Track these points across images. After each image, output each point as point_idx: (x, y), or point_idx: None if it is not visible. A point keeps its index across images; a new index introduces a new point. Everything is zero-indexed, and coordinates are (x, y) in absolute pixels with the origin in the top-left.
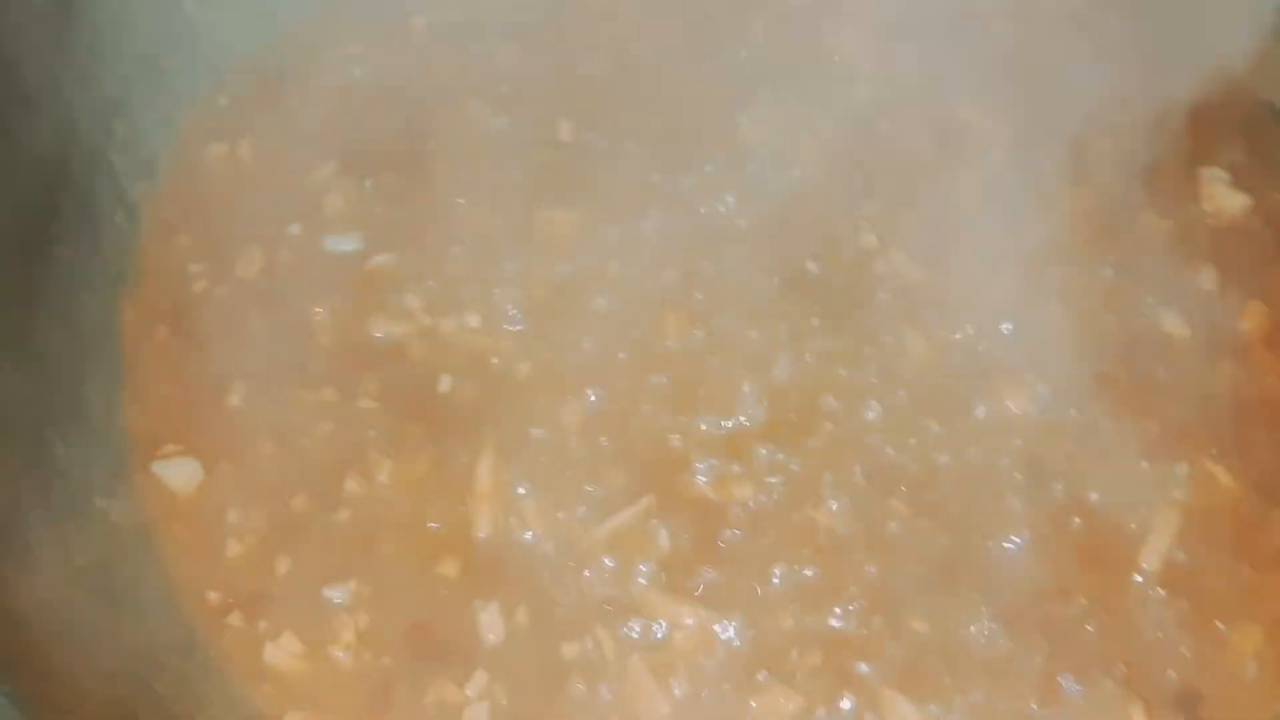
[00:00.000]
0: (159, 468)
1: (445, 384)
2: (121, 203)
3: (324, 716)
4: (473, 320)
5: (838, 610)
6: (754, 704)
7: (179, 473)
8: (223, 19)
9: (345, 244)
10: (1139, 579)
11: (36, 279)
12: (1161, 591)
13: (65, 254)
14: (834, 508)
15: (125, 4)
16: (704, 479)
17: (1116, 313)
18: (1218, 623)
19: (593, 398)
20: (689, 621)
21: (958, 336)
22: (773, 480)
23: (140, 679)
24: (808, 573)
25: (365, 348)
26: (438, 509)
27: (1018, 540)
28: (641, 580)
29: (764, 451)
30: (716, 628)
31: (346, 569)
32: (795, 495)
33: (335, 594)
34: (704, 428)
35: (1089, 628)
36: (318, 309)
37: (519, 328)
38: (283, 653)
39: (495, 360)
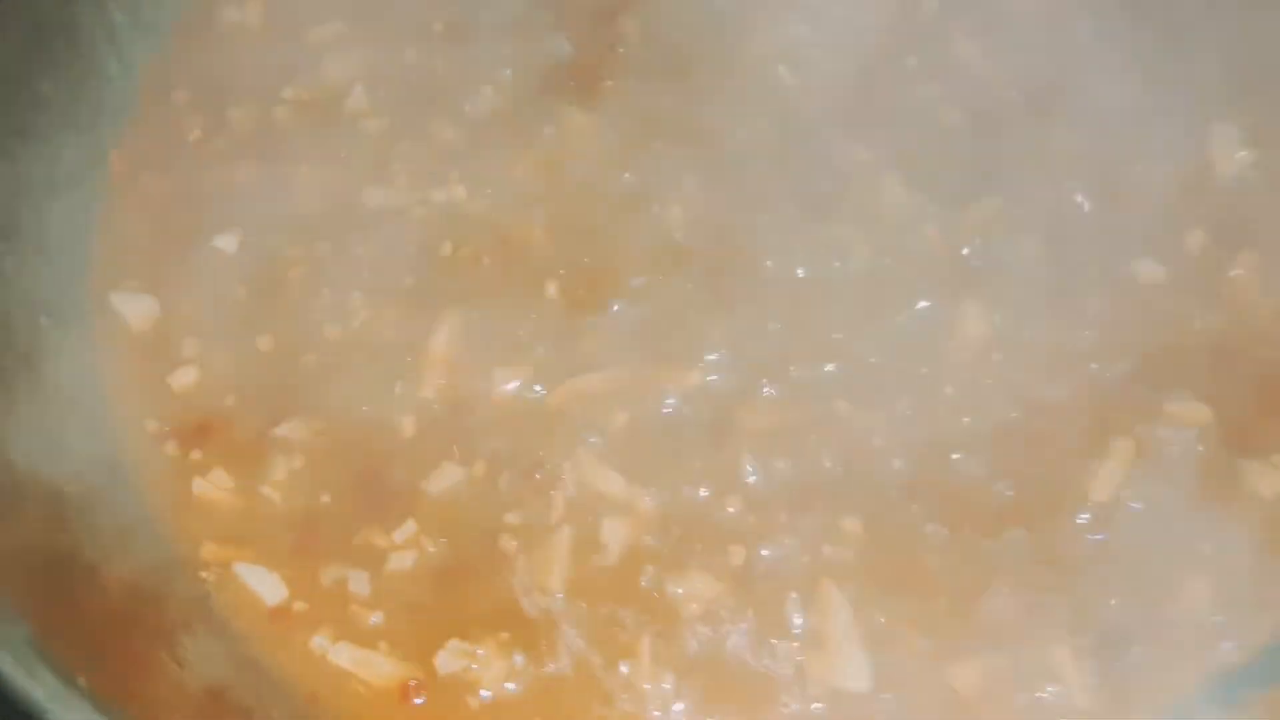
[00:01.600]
0: (117, 299)
1: (445, 249)
2: (118, 57)
3: (242, 549)
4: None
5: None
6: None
7: (136, 307)
8: None
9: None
10: (1085, 515)
11: (19, 108)
12: (1106, 529)
13: (50, 91)
14: None
15: None
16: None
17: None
18: (1161, 564)
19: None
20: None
21: None
22: None
23: (54, 490)
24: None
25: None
26: (399, 366)
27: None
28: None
29: None
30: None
31: (297, 409)
32: None
33: (281, 431)
34: None
35: (1031, 557)
36: (310, 169)
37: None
38: (211, 486)
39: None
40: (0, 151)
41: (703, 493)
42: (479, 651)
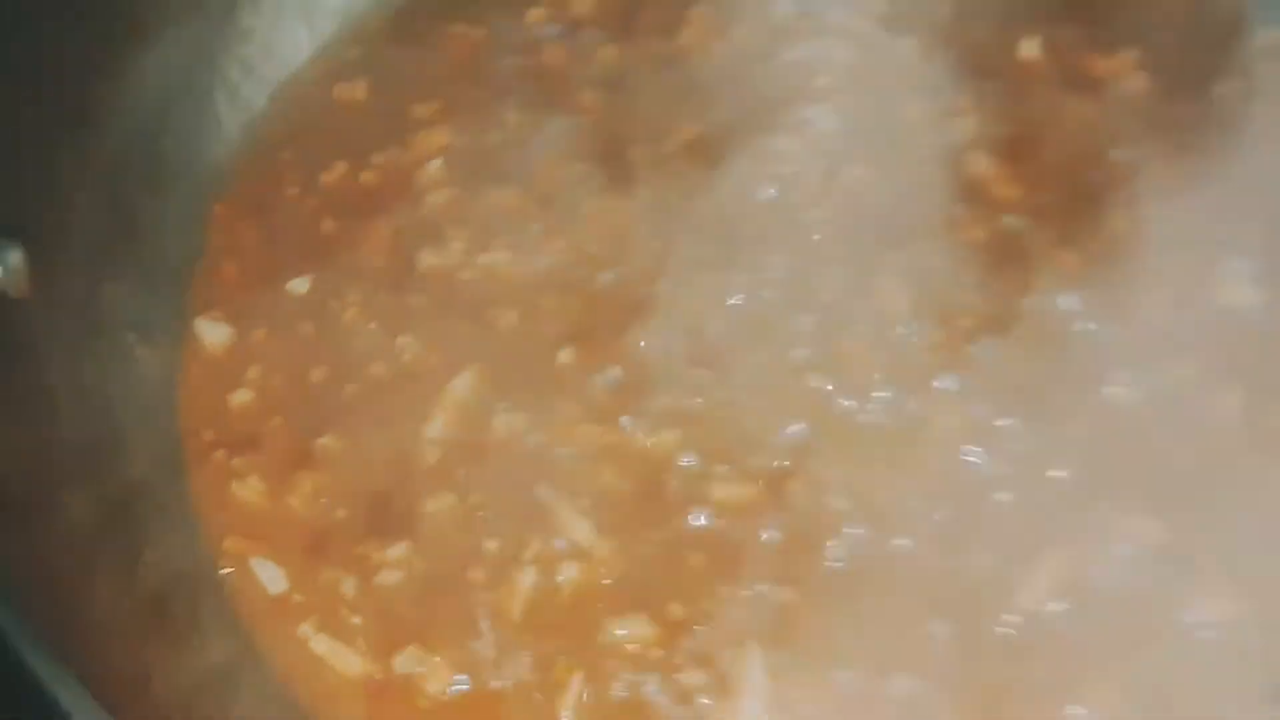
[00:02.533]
0: (200, 324)
1: (483, 307)
2: (233, 120)
3: (258, 544)
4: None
5: None
6: None
7: (214, 333)
8: None
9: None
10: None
11: (141, 158)
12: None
13: (170, 147)
14: None
15: None
16: None
17: None
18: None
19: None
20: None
21: None
22: None
23: (120, 478)
24: None
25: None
26: (424, 405)
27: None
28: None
29: None
30: None
31: (331, 432)
32: None
33: (314, 449)
34: None
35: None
36: (381, 227)
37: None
38: (247, 490)
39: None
40: (122, 198)
41: (661, 548)
42: (435, 659)
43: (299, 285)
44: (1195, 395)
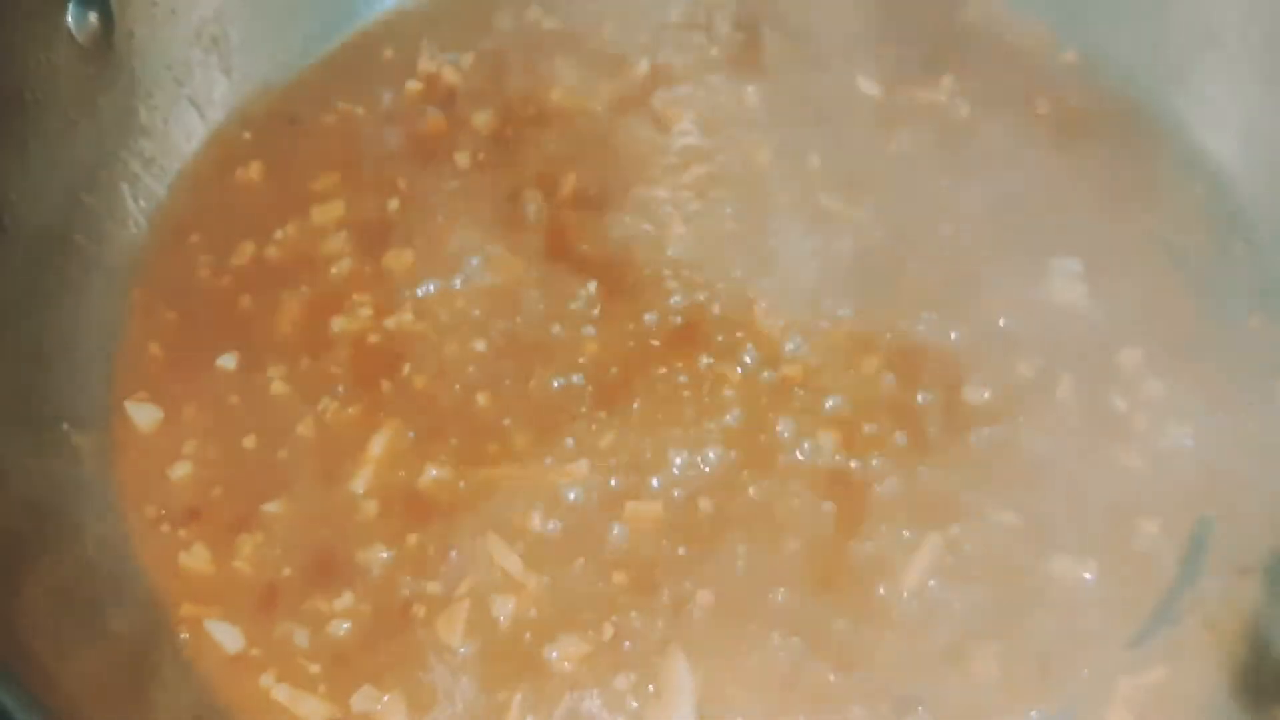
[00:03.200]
0: (130, 406)
1: (393, 368)
2: (139, 211)
3: (212, 608)
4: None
5: None
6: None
7: (144, 413)
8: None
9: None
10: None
11: (56, 255)
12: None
13: (82, 241)
14: None
15: (161, 48)
16: None
17: None
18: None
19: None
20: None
21: None
22: None
23: (75, 558)
24: None
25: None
26: (351, 463)
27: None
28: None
29: None
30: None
31: (269, 496)
32: None
33: (256, 514)
34: None
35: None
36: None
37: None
38: (194, 558)
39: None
40: (42, 295)
41: (586, 574)
42: (385, 698)
43: (226, 361)
44: (1037, 387)
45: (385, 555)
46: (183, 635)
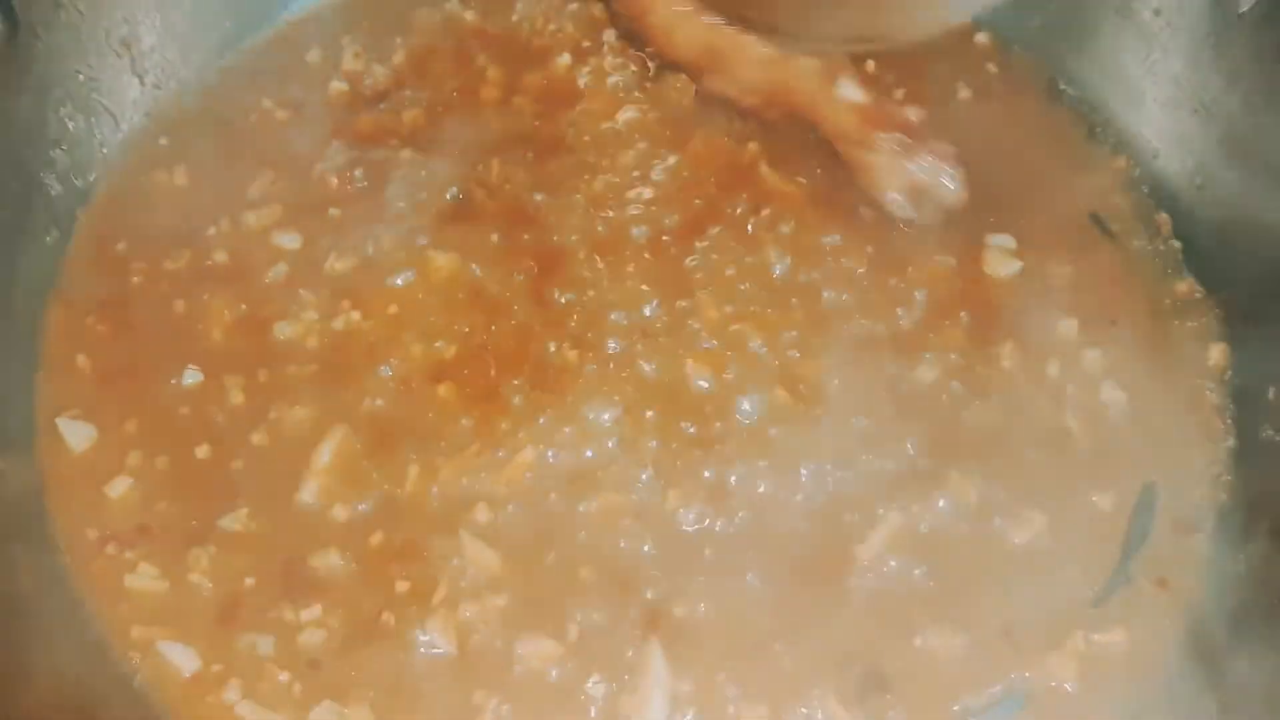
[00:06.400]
0: (63, 424)
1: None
2: (55, 223)
3: (164, 629)
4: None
5: None
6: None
7: (77, 431)
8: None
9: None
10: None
11: None
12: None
13: None
14: None
15: (69, 52)
16: None
17: None
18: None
19: None
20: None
21: None
22: None
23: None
24: None
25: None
26: (306, 469)
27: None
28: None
29: None
30: None
31: (227, 507)
32: None
33: (213, 526)
34: None
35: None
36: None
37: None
38: (140, 578)
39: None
40: None
41: (557, 567)
42: (345, 711)
43: (172, 371)
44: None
45: (350, 561)
46: (134, 660)
